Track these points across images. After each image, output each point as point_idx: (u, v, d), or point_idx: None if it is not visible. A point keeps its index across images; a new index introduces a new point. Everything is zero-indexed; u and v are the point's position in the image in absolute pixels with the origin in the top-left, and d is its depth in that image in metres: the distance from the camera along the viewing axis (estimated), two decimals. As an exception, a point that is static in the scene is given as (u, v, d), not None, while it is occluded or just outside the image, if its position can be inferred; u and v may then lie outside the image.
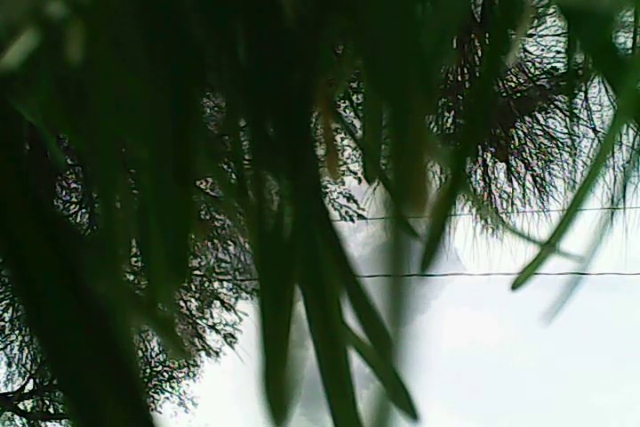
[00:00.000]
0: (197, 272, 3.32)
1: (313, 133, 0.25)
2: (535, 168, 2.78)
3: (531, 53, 2.60)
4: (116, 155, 0.24)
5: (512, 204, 2.84)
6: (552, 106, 2.65)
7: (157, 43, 0.23)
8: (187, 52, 0.24)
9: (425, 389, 0.24)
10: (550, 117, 2.70)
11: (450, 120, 2.50)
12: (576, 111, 2.42)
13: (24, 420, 3.58)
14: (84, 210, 2.87)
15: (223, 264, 3.36)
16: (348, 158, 2.89)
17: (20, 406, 3.57)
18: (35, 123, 0.29)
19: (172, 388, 3.86)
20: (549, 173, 2.78)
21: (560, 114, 2.67)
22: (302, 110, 0.23)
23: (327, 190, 3.05)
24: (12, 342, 3.40)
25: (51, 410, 3.54)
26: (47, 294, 0.18)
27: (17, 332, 3.33)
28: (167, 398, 3.85)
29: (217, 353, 3.64)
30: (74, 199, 2.93)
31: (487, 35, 2.09)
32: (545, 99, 2.61)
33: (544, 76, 2.60)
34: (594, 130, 2.52)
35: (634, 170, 0.28)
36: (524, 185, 2.81)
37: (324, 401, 0.23)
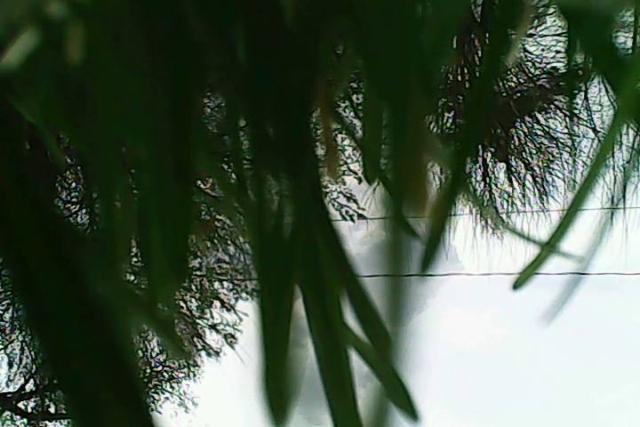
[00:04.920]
0: (197, 272, 3.32)
1: (313, 133, 0.25)
2: (535, 168, 2.78)
3: (531, 53, 2.60)
4: (116, 155, 0.24)
5: (512, 204, 2.84)
6: (552, 106, 2.65)
7: (157, 43, 0.23)
8: (187, 52, 0.24)
9: (424, 388, 0.24)
10: (550, 117, 2.70)
11: (450, 120, 2.50)
12: (576, 111, 2.42)
13: (24, 420, 3.58)
14: (84, 210, 2.87)
15: (223, 264, 3.36)
16: (348, 158, 2.89)
17: (20, 406, 3.57)
18: (35, 123, 0.29)
19: (173, 388, 3.87)
20: (549, 173, 2.78)
21: (560, 114, 2.67)
22: (302, 110, 0.23)
23: (327, 190, 3.05)
24: (12, 342, 3.40)
25: (51, 410, 3.54)
26: (47, 294, 0.18)
27: (17, 332, 3.33)
28: (167, 398, 3.86)
29: (217, 353, 3.64)
30: (74, 199, 2.93)
31: (487, 35, 2.09)
32: (545, 99, 2.61)
33: (544, 76, 2.60)
34: (594, 130, 2.52)
35: (634, 170, 0.28)
36: (524, 185, 2.81)
37: (324, 401, 0.23)
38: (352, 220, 3.16)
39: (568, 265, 0.26)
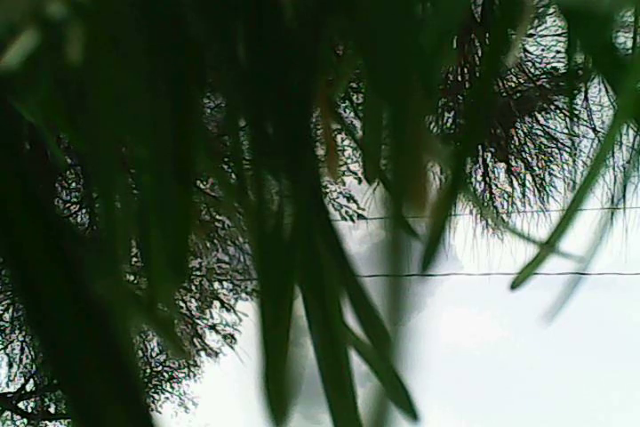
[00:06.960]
0: (197, 272, 3.32)
1: (313, 133, 0.25)
2: (535, 168, 2.78)
3: (531, 53, 2.60)
4: (116, 155, 0.24)
5: (512, 204, 2.84)
6: (552, 106, 2.65)
7: (157, 43, 0.23)
8: (187, 52, 0.24)
9: (424, 388, 0.24)
10: (550, 117, 2.70)
11: (450, 120, 2.50)
12: (576, 111, 2.42)
13: (24, 420, 3.59)
14: (84, 210, 2.87)
15: (223, 264, 3.36)
16: (348, 158, 2.89)
17: (20, 406, 3.57)
18: (35, 123, 0.29)
19: (173, 388, 3.87)
20: (549, 173, 2.78)
21: (560, 114, 2.67)
22: (302, 110, 0.23)
23: (327, 190, 3.05)
24: (12, 342, 3.40)
25: (51, 410, 3.54)
26: (47, 294, 0.18)
27: (17, 332, 3.33)
28: (167, 398, 3.86)
29: (217, 353, 3.64)
30: (74, 199, 2.93)
31: (487, 35, 2.09)
32: (545, 99, 2.61)
33: (544, 76, 2.60)
34: (594, 130, 2.52)
35: (634, 170, 0.28)
36: (524, 185, 2.81)
37: (324, 401, 0.23)
38: (352, 220, 3.16)
39: (568, 265, 0.26)
